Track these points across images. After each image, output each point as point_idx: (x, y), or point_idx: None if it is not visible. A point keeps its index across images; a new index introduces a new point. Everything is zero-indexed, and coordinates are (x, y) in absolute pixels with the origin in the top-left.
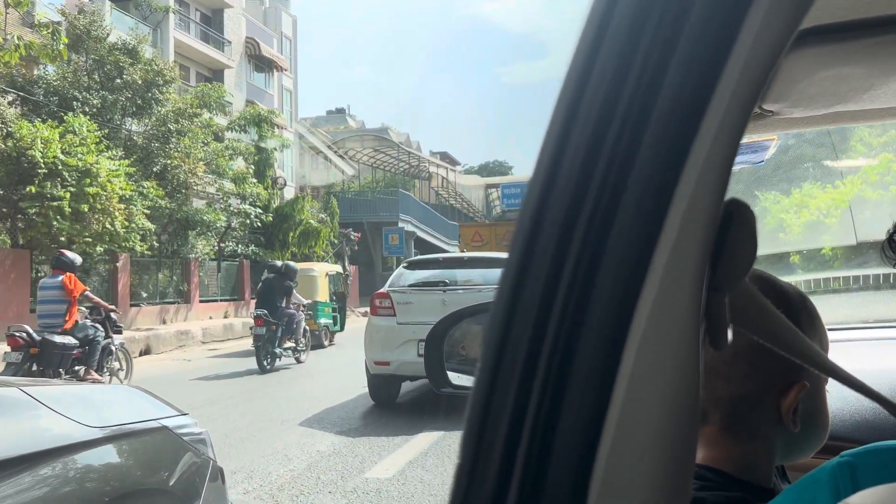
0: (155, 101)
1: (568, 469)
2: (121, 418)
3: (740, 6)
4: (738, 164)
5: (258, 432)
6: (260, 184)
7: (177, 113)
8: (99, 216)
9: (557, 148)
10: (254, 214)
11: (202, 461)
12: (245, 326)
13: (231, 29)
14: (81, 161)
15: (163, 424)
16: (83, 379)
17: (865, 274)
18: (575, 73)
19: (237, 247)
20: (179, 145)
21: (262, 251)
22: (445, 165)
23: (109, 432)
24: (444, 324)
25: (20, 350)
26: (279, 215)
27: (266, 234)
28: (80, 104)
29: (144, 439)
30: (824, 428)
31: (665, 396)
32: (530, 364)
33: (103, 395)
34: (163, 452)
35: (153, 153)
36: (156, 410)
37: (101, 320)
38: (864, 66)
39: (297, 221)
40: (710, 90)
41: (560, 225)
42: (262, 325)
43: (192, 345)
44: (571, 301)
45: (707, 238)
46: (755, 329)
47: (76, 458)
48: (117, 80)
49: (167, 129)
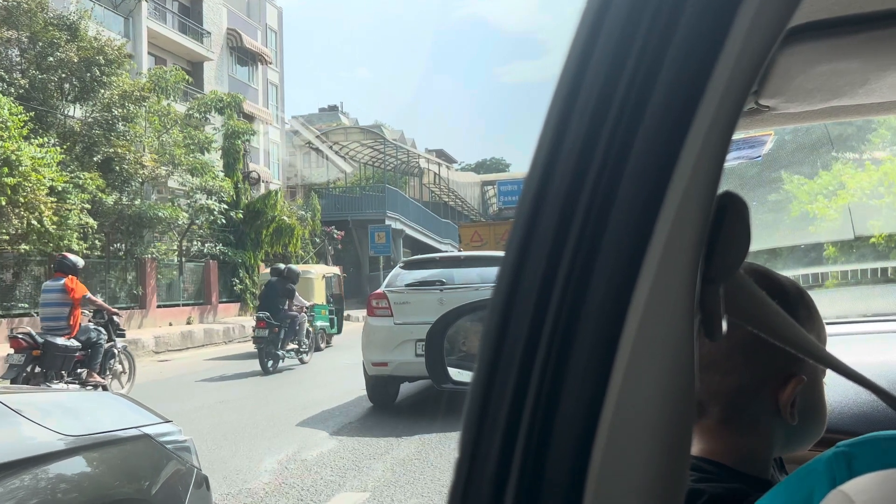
0: (99, 84)
1: (565, 462)
2: (100, 426)
3: (731, 1)
4: (736, 160)
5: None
6: (229, 178)
7: (123, 96)
8: (21, 210)
9: (553, 143)
10: (217, 210)
11: (186, 469)
12: (209, 333)
13: (211, 19)
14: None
15: (144, 432)
16: (86, 382)
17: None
18: (570, 71)
19: (203, 246)
20: (129, 133)
21: (233, 251)
22: (438, 161)
23: (86, 441)
24: (445, 320)
25: (23, 352)
26: (251, 212)
27: (236, 233)
28: (3, 84)
29: (124, 447)
30: (822, 421)
31: (660, 388)
32: (527, 358)
33: (83, 402)
34: (143, 461)
35: (96, 141)
36: (138, 418)
37: (103, 323)
38: (860, 61)
39: (270, 218)
40: (703, 85)
41: (556, 219)
42: (265, 327)
43: (142, 355)
44: (567, 295)
45: (701, 230)
46: (751, 321)
47: (49, 468)
48: (49, 58)
49: (113, 115)
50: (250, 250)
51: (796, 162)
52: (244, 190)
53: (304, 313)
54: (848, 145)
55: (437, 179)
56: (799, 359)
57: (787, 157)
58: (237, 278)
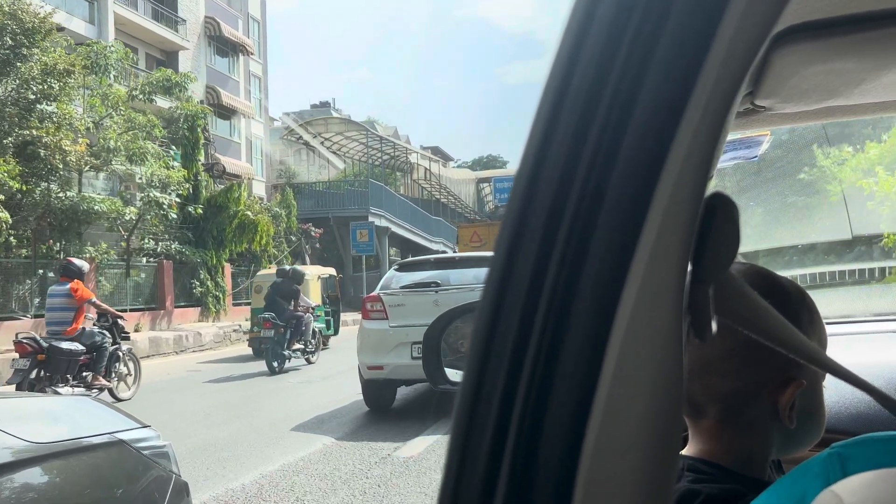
0: (17, 57)
1: (555, 462)
2: (71, 433)
3: (719, 3)
4: (732, 160)
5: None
6: (187, 169)
7: (45, 72)
8: None
9: (542, 145)
10: (167, 204)
11: (164, 476)
12: (155, 343)
13: (187, 6)
14: None
15: (118, 438)
16: (91, 385)
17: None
18: (558, 72)
19: (156, 245)
20: (56, 115)
21: (191, 250)
22: (430, 157)
23: (55, 448)
24: (443, 321)
25: (28, 357)
26: (212, 207)
27: (196, 230)
28: None
29: (96, 455)
30: (820, 424)
31: (649, 388)
32: (516, 359)
33: (56, 409)
34: (117, 468)
35: (7, 122)
36: (112, 423)
37: (108, 327)
38: (855, 61)
39: (233, 213)
40: (691, 86)
41: (544, 219)
42: (271, 327)
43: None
44: (556, 296)
45: (689, 231)
46: (743, 322)
47: (14, 477)
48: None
49: (32, 92)
50: (212, 249)
51: (833, 135)
52: (207, 183)
53: (309, 314)
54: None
55: (427, 175)
56: (799, 362)
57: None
58: (197, 280)
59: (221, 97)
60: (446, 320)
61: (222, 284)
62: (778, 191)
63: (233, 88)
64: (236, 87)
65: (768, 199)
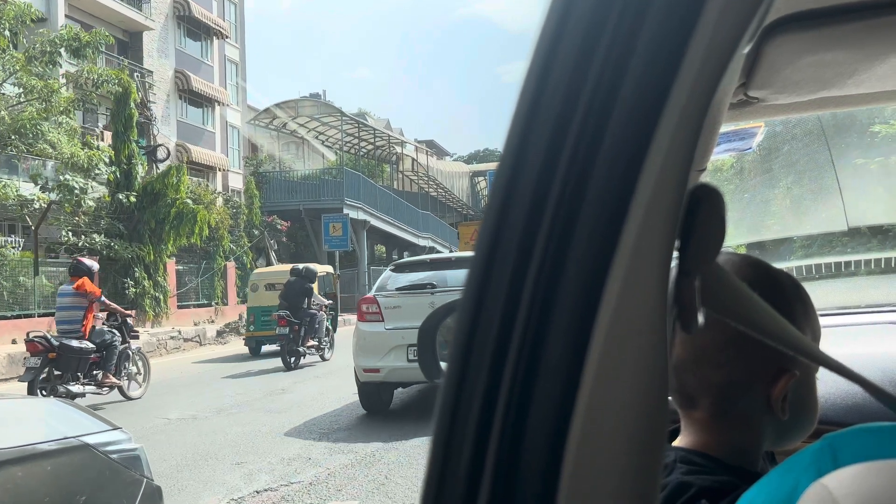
0: None
1: (539, 458)
2: (31, 437)
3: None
4: (726, 152)
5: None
6: (118, 150)
7: None
8: None
9: (523, 134)
10: (79, 189)
11: (133, 480)
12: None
13: None
14: None
15: (84, 442)
16: (101, 383)
17: None
18: (539, 57)
19: (79, 239)
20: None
21: (122, 244)
22: (416, 145)
23: (11, 455)
24: (438, 315)
25: (39, 355)
26: (148, 195)
27: (130, 221)
28: None
29: (57, 460)
30: (813, 416)
31: (633, 381)
32: (498, 354)
33: (17, 411)
34: (79, 473)
35: None
36: (79, 426)
37: (117, 325)
38: (847, 51)
39: (171, 202)
40: (672, 77)
41: (526, 212)
42: (286, 325)
43: None
44: (539, 289)
45: (674, 222)
46: (732, 315)
47: None
48: None
49: None
50: (149, 243)
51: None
52: (144, 167)
53: (323, 312)
54: None
55: (414, 166)
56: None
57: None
58: (131, 279)
59: (191, 82)
60: (442, 314)
61: (163, 284)
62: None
63: (206, 74)
64: (210, 72)
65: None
